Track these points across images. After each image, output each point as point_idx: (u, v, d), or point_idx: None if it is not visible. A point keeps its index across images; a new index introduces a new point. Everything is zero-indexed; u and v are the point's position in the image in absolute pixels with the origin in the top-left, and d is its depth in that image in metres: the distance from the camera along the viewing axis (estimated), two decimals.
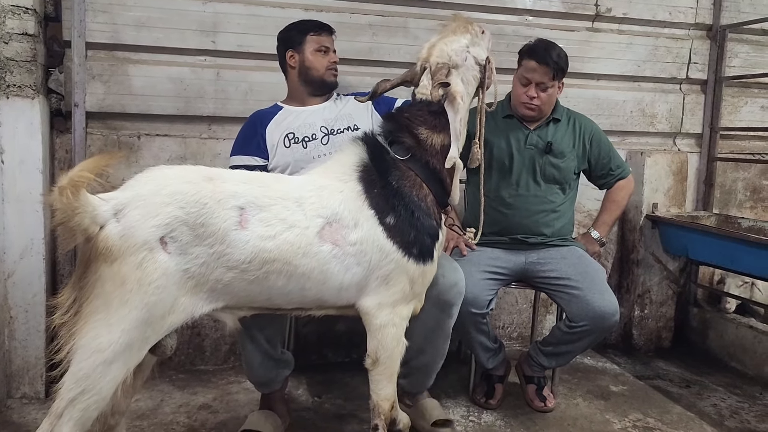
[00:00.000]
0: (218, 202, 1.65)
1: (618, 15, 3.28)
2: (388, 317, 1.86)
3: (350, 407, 2.56)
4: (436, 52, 1.94)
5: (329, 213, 1.77)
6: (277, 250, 1.69)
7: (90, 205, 1.53)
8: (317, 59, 2.37)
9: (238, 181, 1.74)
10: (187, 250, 1.61)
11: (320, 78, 2.38)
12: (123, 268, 1.54)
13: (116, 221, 1.56)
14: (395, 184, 1.86)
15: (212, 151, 2.81)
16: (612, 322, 2.37)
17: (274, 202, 1.72)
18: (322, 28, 2.40)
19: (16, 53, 2.39)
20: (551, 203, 2.56)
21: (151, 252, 1.56)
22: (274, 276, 1.71)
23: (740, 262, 2.78)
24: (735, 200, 3.59)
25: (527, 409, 2.60)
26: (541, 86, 2.45)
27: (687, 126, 3.46)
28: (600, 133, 2.65)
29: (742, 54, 3.50)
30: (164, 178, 1.66)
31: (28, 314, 2.45)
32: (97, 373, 1.53)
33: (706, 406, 2.70)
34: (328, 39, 2.40)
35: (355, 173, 1.85)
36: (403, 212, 1.84)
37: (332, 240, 1.75)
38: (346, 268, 1.78)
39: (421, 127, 1.91)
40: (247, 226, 1.66)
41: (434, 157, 1.91)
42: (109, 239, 1.54)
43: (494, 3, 3.10)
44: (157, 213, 1.58)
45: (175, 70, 2.76)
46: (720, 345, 3.24)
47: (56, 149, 2.65)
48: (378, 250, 1.80)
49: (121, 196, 1.61)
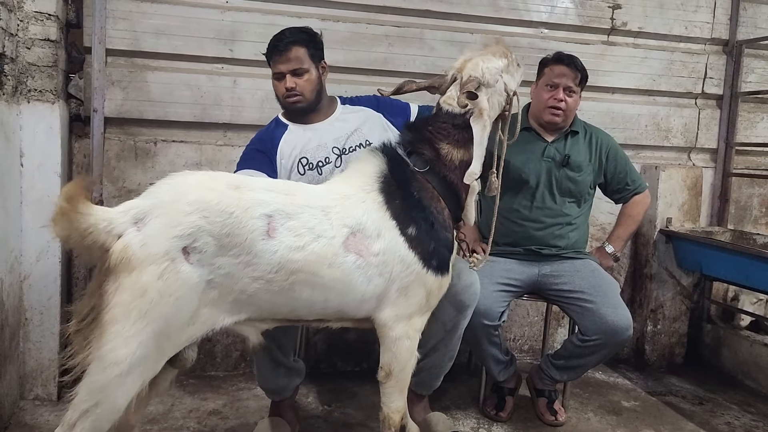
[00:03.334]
0: (245, 210, 1.60)
1: (634, 29, 3.28)
2: (403, 330, 1.85)
3: (359, 416, 2.55)
4: (471, 65, 1.93)
5: (354, 222, 1.74)
6: (304, 260, 1.65)
7: (101, 220, 1.51)
8: (276, 87, 2.23)
9: (264, 188, 1.70)
10: (210, 261, 1.57)
11: (283, 106, 2.26)
12: (143, 278, 1.50)
13: (137, 230, 1.53)
14: (416, 196, 1.85)
15: (227, 158, 2.83)
16: (625, 337, 2.36)
17: (301, 210, 1.68)
18: (272, 50, 2.19)
19: (37, 58, 2.43)
20: (566, 216, 2.55)
21: (173, 262, 1.52)
22: (299, 287, 1.67)
23: (755, 278, 2.75)
24: (750, 216, 3.56)
25: (538, 423, 2.58)
26: (567, 91, 2.47)
27: (702, 141, 3.45)
28: (617, 147, 2.65)
29: (758, 69, 3.48)
30: (186, 185, 1.62)
31: (43, 316, 2.47)
32: (112, 385, 1.51)
33: (719, 424, 2.67)
34: (279, 63, 2.17)
35: (376, 183, 1.83)
36: (423, 224, 1.83)
37: (356, 250, 1.73)
38: (368, 279, 1.75)
39: (443, 141, 1.91)
40: (275, 234, 1.62)
41: (452, 172, 1.91)
42: (130, 248, 1.50)
43: (510, 15, 3.12)
44: (179, 222, 1.54)
45: (192, 78, 2.79)
46: (734, 362, 3.20)
47: (74, 153, 2.69)
48: (400, 261, 1.78)
49: (141, 204, 1.58)
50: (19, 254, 2.41)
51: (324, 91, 2.28)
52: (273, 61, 2.19)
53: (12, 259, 2.34)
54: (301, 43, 2.18)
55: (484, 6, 3.07)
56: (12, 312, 2.34)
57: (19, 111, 2.39)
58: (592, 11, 3.21)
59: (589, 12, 3.21)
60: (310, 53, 2.19)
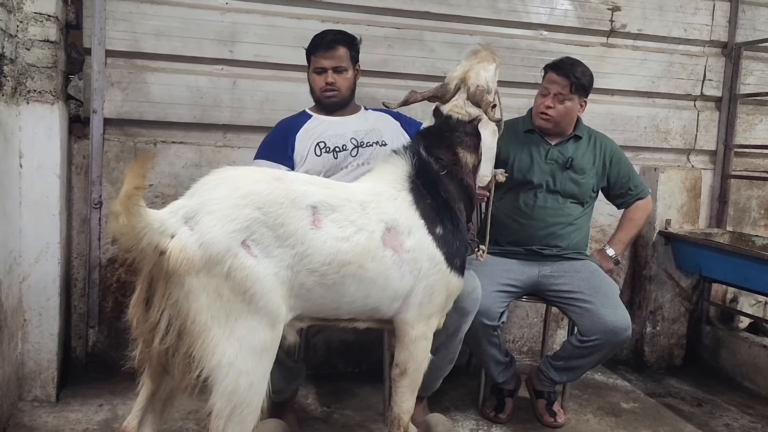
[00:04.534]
0: (292, 201, 1.60)
1: (633, 31, 3.28)
2: (422, 330, 1.88)
3: (359, 418, 2.55)
4: (473, 75, 2.02)
5: (388, 218, 1.78)
6: (352, 252, 1.66)
7: (154, 220, 1.44)
8: (314, 80, 2.40)
9: (305, 181, 1.72)
10: (270, 253, 1.55)
11: (317, 99, 2.43)
12: (213, 280, 1.47)
13: (189, 229, 1.47)
14: (443, 197, 1.92)
15: (227, 159, 2.82)
16: (624, 337, 2.36)
17: (342, 203, 1.70)
18: (319, 45, 2.37)
19: (37, 59, 2.42)
20: (568, 216, 2.57)
21: (236, 258, 1.49)
22: (349, 280, 1.68)
23: (754, 280, 2.76)
24: (749, 218, 3.57)
25: (537, 424, 2.58)
26: (558, 97, 2.48)
27: (701, 143, 3.45)
28: (620, 153, 2.68)
29: (757, 72, 3.49)
30: (234, 179, 1.59)
31: (42, 318, 2.47)
32: (240, 384, 1.51)
33: (718, 426, 2.67)
34: (324, 58, 2.35)
35: (406, 183, 1.89)
36: (449, 224, 1.89)
37: (392, 246, 1.76)
38: (401, 275, 1.78)
39: (459, 147, 1.99)
40: (320, 225, 1.63)
41: (467, 176, 2.00)
42: (188, 249, 1.45)
43: (509, 17, 3.12)
44: (234, 216, 1.50)
45: (192, 79, 2.79)
46: (732, 364, 3.20)
47: (74, 155, 2.68)
48: (428, 259, 1.82)
49: (189, 203, 1.53)
50: (18, 255, 2.40)
51: (354, 92, 2.47)
52: (316, 56, 2.36)
53: (11, 260, 2.33)
54: (344, 43, 2.38)
55: (483, 8, 3.07)
56: (11, 313, 2.33)
57: (18, 112, 2.38)
58: (592, 13, 3.22)
59: (589, 14, 3.21)
60: (350, 54, 2.39)
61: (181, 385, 1.57)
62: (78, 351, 2.79)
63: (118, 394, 2.55)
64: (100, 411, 2.47)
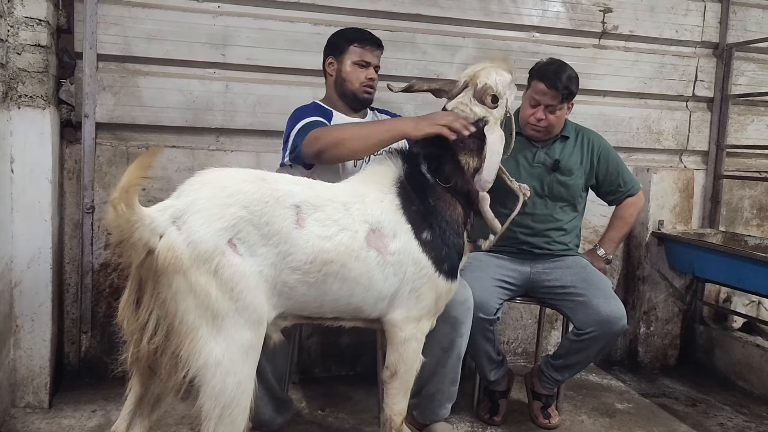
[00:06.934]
0: (277, 200, 1.62)
1: (625, 32, 3.29)
2: (412, 332, 1.88)
3: (354, 421, 2.55)
4: (484, 74, 1.99)
5: (373, 220, 1.78)
6: (334, 251, 1.68)
7: (146, 216, 1.45)
8: (354, 72, 2.31)
9: (289, 181, 1.73)
10: (255, 251, 1.57)
11: (353, 92, 2.33)
12: (200, 278, 1.48)
13: (176, 229, 1.49)
14: (432, 203, 1.91)
15: (220, 163, 2.82)
16: (620, 327, 2.35)
17: (325, 203, 1.72)
18: (368, 40, 2.32)
19: (28, 64, 2.41)
20: (557, 221, 2.56)
21: (223, 256, 1.51)
22: (331, 279, 1.70)
23: (747, 280, 2.77)
24: (741, 218, 3.58)
25: (531, 426, 2.58)
26: (549, 109, 2.45)
27: (693, 143, 3.47)
28: (609, 149, 2.65)
29: (748, 72, 3.51)
30: (221, 179, 1.62)
31: (34, 323, 2.46)
32: (227, 384, 1.52)
33: (712, 425, 2.67)
34: (371, 53, 2.32)
35: (394, 187, 1.88)
36: (438, 230, 1.88)
37: (376, 247, 1.77)
38: (385, 277, 1.79)
39: (461, 150, 1.95)
40: (304, 224, 1.65)
41: (466, 180, 1.96)
42: (175, 248, 1.46)
43: (501, 19, 3.13)
44: (221, 215, 1.53)
45: (184, 83, 2.78)
46: (726, 363, 3.21)
47: (65, 159, 2.67)
48: (413, 263, 1.82)
49: (176, 203, 1.55)
50: (9, 261, 2.39)
51: None
52: (365, 49, 2.31)
53: (2, 266, 2.32)
54: (382, 47, 2.37)
55: (475, 10, 3.08)
56: (3, 319, 2.32)
57: (9, 117, 2.37)
58: (584, 15, 3.23)
59: (581, 16, 3.23)
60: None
61: (168, 386, 1.57)
62: (71, 356, 2.77)
63: (112, 400, 2.53)
64: (93, 417, 2.46)
